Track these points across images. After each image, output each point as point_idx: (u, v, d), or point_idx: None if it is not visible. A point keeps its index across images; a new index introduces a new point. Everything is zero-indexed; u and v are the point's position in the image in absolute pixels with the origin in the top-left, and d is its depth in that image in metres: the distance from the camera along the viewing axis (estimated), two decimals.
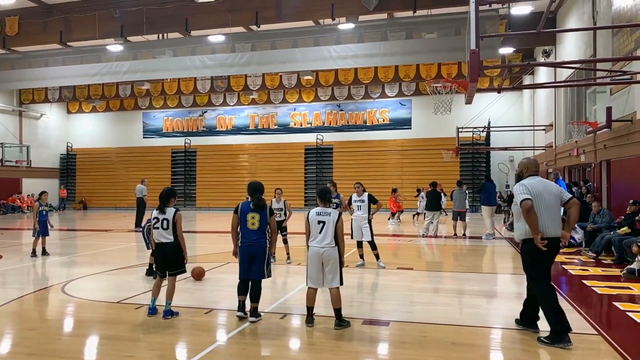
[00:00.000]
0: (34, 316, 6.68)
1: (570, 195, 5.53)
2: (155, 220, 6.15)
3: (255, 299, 6.00)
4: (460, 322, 6.17)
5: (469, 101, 7.82)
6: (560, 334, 5.09)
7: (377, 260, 9.81)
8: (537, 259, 5.30)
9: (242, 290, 6.08)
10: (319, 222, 5.75)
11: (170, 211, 6.15)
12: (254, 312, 5.99)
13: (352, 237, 9.87)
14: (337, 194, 9.96)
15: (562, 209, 5.44)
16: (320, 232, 5.72)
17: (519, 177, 5.65)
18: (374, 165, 29.34)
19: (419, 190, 22.52)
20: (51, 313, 6.84)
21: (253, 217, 5.97)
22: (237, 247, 6.14)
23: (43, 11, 19.23)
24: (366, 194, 9.86)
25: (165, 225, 6.10)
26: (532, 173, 5.53)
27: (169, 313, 6.09)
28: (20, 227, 20.69)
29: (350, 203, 10.01)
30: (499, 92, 23.80)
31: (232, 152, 32.24)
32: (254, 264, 5.98)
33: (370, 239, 9.79)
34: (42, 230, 11.43)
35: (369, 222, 9.80)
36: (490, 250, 12.80)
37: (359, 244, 10.01)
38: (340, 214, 5.82)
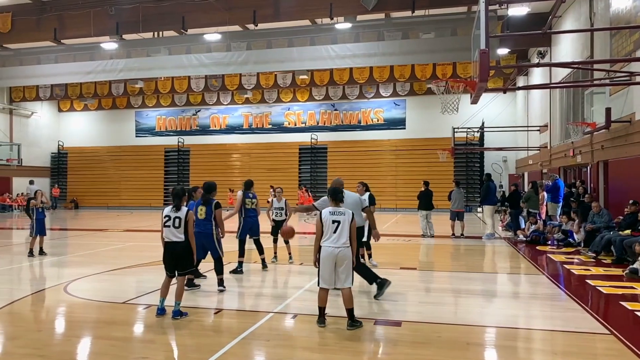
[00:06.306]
0: (40, 317, 6.57)
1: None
2: (167, 218, 6.06)
3: (219, 272, 7.49)
4: (472, 322, 6.15)
5: (475, 101, 7.83)
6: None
7: (369, 259, 9.80)
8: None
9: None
10: (334, 221, 5.67)
11: (183, 210, 6.07)
12: (221, 283, 7.50)
13: None
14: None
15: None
16: (335, 232, 5.64)
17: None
18: (368, 165, 29.34)
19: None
20: (57, 314, 6.72)
21: (201, 209, 7.38)
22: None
23: (37, 8, 18.98)
24: (368, 193, 9.70)
25: (177, 224, 6.01)
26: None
27: (178, 314, 6.00)
28: (10, 227, 20.42)
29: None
30: (504, 92, 23.82)
31: (225, 151, 32.07)
32: (207, 248, 7.47)
33: (367, 239, 9.61)
34: (39, 229, 11.27)
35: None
36: (491, 250, 12.84)
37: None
38: (353, 214, 5.76)
